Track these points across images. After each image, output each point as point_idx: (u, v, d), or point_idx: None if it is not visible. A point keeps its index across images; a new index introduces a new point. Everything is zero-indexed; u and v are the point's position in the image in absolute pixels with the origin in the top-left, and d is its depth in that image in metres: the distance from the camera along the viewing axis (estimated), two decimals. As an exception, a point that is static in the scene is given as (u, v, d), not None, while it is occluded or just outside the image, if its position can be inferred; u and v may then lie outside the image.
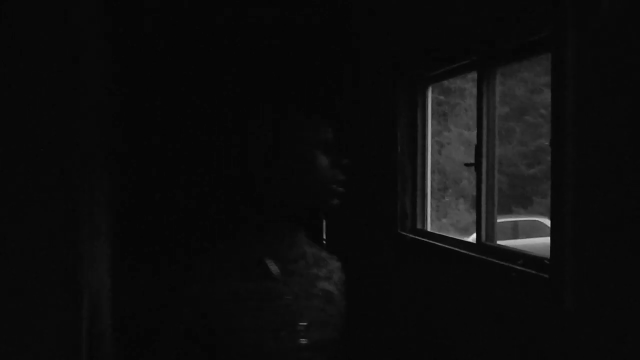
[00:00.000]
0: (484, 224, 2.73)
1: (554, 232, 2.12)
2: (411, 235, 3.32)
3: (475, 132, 2.83)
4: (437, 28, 3.03)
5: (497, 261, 2.50)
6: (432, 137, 3.73)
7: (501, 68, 2.70)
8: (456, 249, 2.85)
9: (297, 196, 1.51)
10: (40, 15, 2.34)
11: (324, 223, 4.74)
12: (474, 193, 2.85)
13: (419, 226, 3.38)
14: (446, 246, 2.93)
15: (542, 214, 13.71)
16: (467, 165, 2.85)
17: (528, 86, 16.46)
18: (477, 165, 2.74)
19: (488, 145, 2.74)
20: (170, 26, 4.18)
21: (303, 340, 1.30)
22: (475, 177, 2.77)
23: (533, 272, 2.25)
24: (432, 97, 3.60)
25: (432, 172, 3.73)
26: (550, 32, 2.13)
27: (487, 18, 2.57)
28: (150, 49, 4.17)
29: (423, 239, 3.17)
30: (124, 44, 3.87)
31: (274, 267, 1.38)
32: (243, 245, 1.50)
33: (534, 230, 12.69)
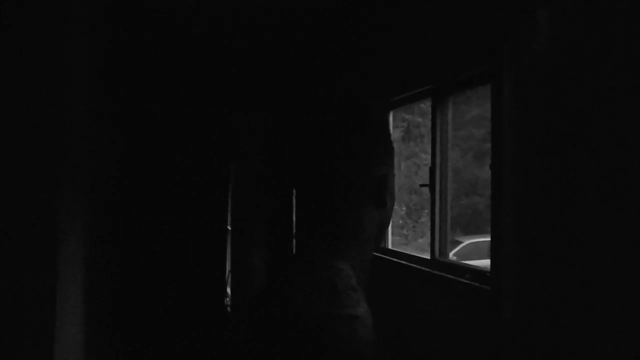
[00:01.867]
0: (438, 241, 2.92)
1: (494, 248, 2.31)
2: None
3: (449, 154, 3.02)
4: (396, 60, 3.25)
5: (448, 275, 2.69)
6: (409, 159, 3.90)
7: (452, 96, 2.91)
8: (412, 264, 3.04)
9: None
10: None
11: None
12: (449, 214, 3.02)
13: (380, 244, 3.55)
14: (403, 262, 3.11)
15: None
16: (421, 186, 3.05)
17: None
18: (431, 186, 2.94)
19: (441, 167, 2.94)
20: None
21: None
22: (430, 198, 2.96)
23: (477, 284, 2.44)
24: (409, 119, 3.80)
25: (409, 193, 3.94)
26: (489, 66, 2.35)
27: (439, 52, 2.79)
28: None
29: (383, 256, 3.35)
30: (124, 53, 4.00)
31: None
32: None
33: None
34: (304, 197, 1.03)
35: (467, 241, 10.58)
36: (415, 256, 3.12)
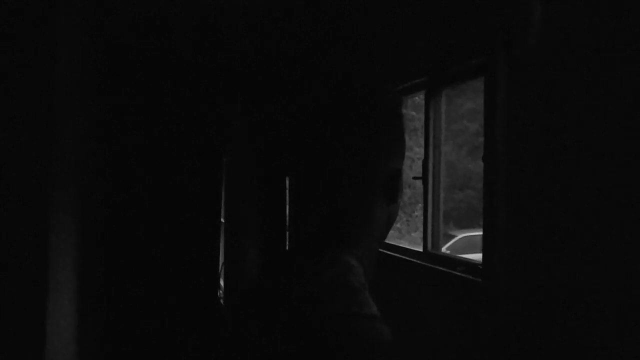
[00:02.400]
0: (430, 233, 2.92)
1: (486, 240, 2.31)
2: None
3: (444, 148, 3.02)
4: (392, 52, 3.24)
5: (440, 268, 2.69)
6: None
7: (446, 89, 2.91)
8: (405, 257, 3.04)
9: None
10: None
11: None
12: (444, 208, 3.03)
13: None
14: (396, 255, 3.11)
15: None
16: (414, 178, 3.04)
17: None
18: (424, 178, 2.94)
19: (434, 159, 2.94)
20: None
21: None
22: (423, 191, 2.96)
23: (470, 277, 2.44)
24: (403, 114, 3.77)
25: (403, 186, 3.91)
26: (483, 59, 2.34)
27: (433, 45, 2.78)
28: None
29: (377, 249, 3.35)
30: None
31: None
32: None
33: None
34: (307, 190, 0.96)
35: (461, 235, 10.64)
36: (408, 249, 3.12)
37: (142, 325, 4.37)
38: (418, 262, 2.91)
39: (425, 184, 2.93)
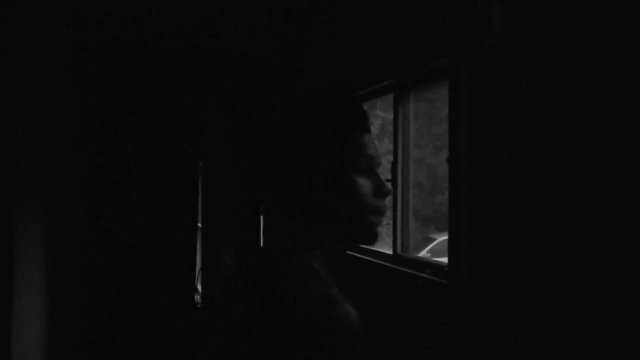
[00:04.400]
0: (399, 236, 2.92)
1: (451, 242, 2.32)
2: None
3: (425, 151, 3.03)
4: (360, 55, 3.25)
5: (408, 270, 2.69)
6: (383, 156, 3.90)
7: (413, 91, 2.91)
8: (375, 260, 3.03)
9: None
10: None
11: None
12: (425, 211, 3.03)
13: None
14: (366, 257, 3.11)
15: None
16: (386, 180, 3.04)
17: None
18: (393, 181, 2.94)
19: (403, 162, 2.94)
20: None
21: None
22: (392, 193, 2.96)
23: (436, 279, 2.44)
24: (383, 117, 3.77)
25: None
26: (447, 62, 2.35)
27: (398, 47, 2.79)
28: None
29: (349, 252, 3.35)
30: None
31: None
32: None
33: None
34: (289, 189, 1.02)
35: (441, 238, 10.62)
36: (378, 252, 3.12)
37: (117, 330, 4.31)
38: (388, 264, 2.90)
39: (394, 186, 2.94)
